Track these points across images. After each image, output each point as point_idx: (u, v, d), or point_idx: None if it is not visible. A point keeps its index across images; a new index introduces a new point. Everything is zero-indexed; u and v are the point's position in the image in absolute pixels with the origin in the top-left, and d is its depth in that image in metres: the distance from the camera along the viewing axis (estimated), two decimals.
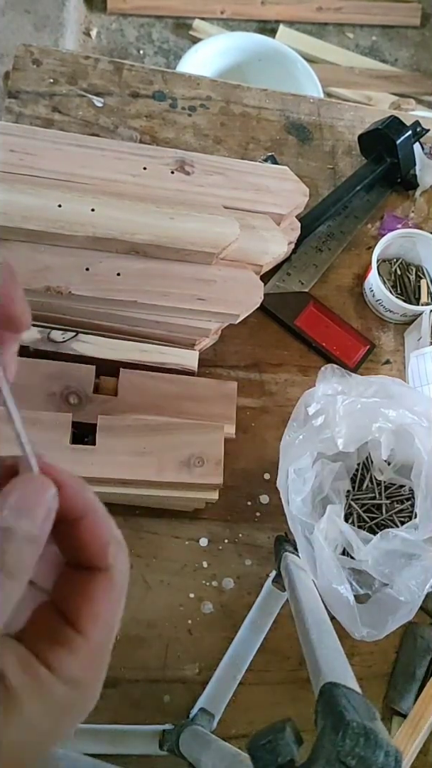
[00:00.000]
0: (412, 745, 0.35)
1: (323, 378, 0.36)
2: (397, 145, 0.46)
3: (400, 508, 0.38)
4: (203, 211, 0.37)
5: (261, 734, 0.23)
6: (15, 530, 0.13)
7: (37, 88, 0.48)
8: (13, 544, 0.12)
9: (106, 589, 0.14)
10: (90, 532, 0.14)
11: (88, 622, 0.13)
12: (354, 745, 0.21)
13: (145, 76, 0.50)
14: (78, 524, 0.14)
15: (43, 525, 0.13)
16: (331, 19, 1.13)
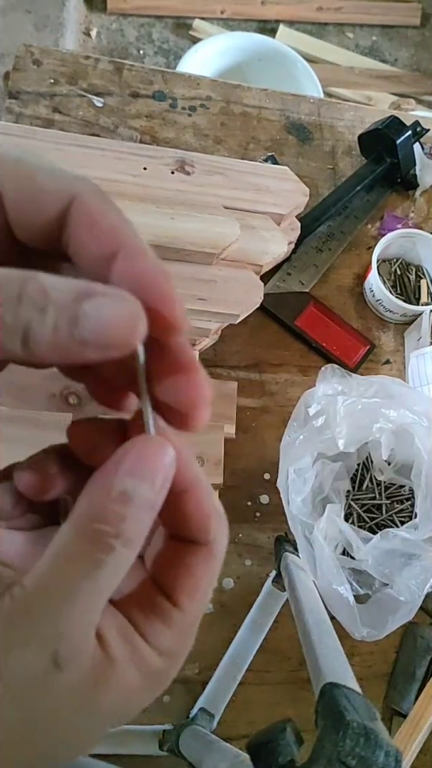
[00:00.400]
0: (413, 745, 0.35)
1: (323, 378, 0.36)
2: (397, 145, 0.46)
3: (400, 508, 0.38)
4: (203, 211, 0.37)
5: (261, 734, 0.23)
6: (133, 495, 0.12)
7: (37, 88, 0.48)
8: (131, 509, 0.12)
9: (206, 564, 0.13)
10: (195, 505, 0.13)
11: (186, 597, 0.13)
12: (354, 745, 0.21)
13: (145, 76, 0.50)
14: (183, 496, 0.13)
15: (161, 491, 0.12)
16: (331, 19, 1.13)
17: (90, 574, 0.12)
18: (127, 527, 0.12)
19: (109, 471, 0.12)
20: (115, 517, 0.12)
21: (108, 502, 0.12)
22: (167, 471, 0.12)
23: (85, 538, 0.12)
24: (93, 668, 0.12)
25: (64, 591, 0.11)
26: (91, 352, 0.11)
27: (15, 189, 0.12)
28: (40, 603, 0.11)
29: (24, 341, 0.11)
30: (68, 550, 0.12)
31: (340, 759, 0.21)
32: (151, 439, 0.13)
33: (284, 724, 0.23)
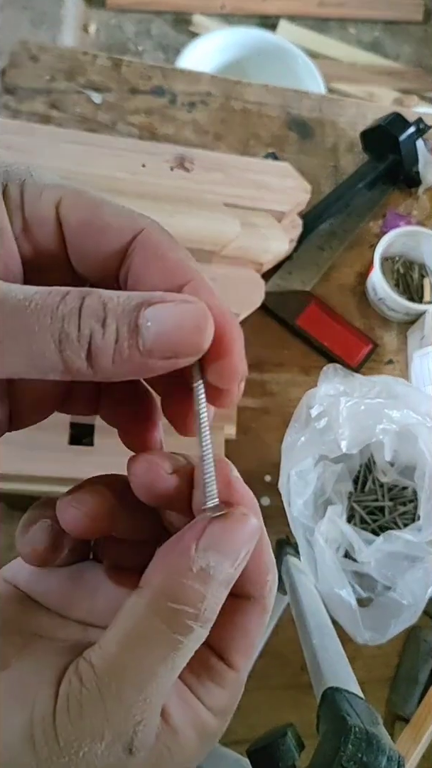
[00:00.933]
0: (415, 750, 0.34)
1: (325, 378, 0.36)
2: (400, 142, 0.46)
3: (403, 510, 0.38)
4: (203, 208, 0.36)
5: (262, 739, 0.23)
6: (214, 573, 0.11)
7: (34, 84, 0.48)
8: (211, 587, 0.11)
9: (260, 621, 0.13)
10: (255, 563, 0.13)
11: (242, 657, 0.13)
12: (356, 750, 0.21)
13: (144, 71, 0.49)
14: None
15: (241, 566, 0.12)
16: (332, 14, 1.12)
17: (167, 657, 0.11)
18: (206, 607, 0.11)
19: (188, 542, 0.11)
20: (195, 596, 0.11)
21: (188, 579, 0.11)
22: (251, 545, 0.12)
23: (162, 618, 0.11)
24: (158, 742, 0.11)
25: (141, 678, 0.11)
26: (156, 361, 0.11)
27: (78, 221, 0.12)
28: (114, 690, 0.11)
29: (88, 356, 0.11)
30: (143, 629, 0.11)
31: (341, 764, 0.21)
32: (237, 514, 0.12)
33: (285, 729, 0.23)
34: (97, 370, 0.11)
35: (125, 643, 0.11)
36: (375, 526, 0.38)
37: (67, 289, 0.11)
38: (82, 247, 0.12)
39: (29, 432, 0.36)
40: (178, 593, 0.11)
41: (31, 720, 0.10)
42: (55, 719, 0.10)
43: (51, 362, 0.11)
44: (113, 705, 0.11)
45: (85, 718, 0.10)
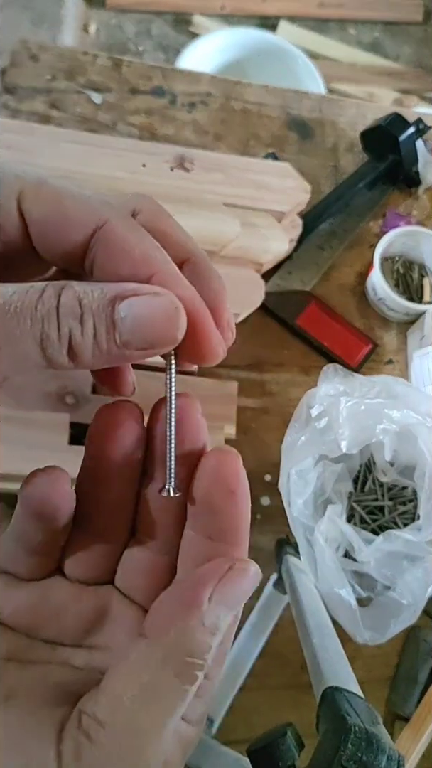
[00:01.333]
0: (415, 750, 0.34)
1: (325, 378, 0.36)
2: (400, 142, 0.46)
3: (403, 510, 0.38)
4: (203, 208, 0.36)
5: (262, 739, 0.23)
6: (220, 626, 0.11)
7: (34, 83, 0.48)
8: (216, 639, 0.12)
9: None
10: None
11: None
12: (356, 749, 0.21)
13: (145, 72, 0.50)
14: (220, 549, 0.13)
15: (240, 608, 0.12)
16: (332, 15, 1.12)
17: (177, 707, 0.11)
18: (210, 657, 0.12)
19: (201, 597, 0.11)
20: (204, 648, 0.11)
21: (200, 633, 0.11)
22: (250, 593, 0.12)
23: (175, 671, 0.11)
24: None
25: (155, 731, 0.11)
26: (133, 352, 0.11)
27: (39, 213, 0.12)
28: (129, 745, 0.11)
29: (69, 353, 0.11)
30: (158, 683, 0.11)
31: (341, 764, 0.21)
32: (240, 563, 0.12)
33: (285, 728, 0.23)
34: (78, 363, 0.11)
35: (140, 697, 0.11)
36: (375, 525, 0.38)
37: (43, 286, 0.11)
38: (45, 240, 0.12)
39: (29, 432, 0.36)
40: (192, 647, 0.11)
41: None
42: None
43: (35, 361, 0.11)
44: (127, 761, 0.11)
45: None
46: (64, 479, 0.13)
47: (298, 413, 0.35)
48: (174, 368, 0.13)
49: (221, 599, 0.12)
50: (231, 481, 0.12)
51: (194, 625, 0.11)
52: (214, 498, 0.12)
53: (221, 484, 0.12)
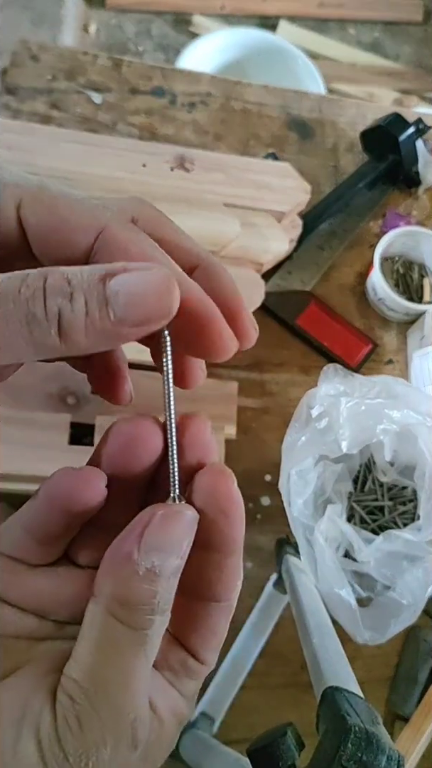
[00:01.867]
0: (415, 750, 0.34)
1: (325, 378, 0.36)
2: (400, 142, 0.46)
3: (402, 510, 0.38)
4: (203, 208, 0.36)
5: (262, 738, 0.23)
6: (161, 569, 0.12)
7: (35, 84, 0.48)
8: (161, 582, 0.12)
9: (227, 620, 0.14)
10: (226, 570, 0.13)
11: (211, 653, 0.14)
12: (356, 749, 0.21)
13: (145, 72, 0.50)
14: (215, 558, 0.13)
15: (185, 554, 0.12)
16: (332, 15, 1.12)
17: (138, 652, 0.12)
18: (159, 599, 0.12)
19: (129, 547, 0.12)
20: (147, 594, 0.12)
21: (137, 582, 0.12)
22: (191, 535, 0.12)
23: (122, 620, 0.12)
24: (151, 732, 0.12)
25: (122, 679, 0.11)
26: (129, 329, 0.11)
27: (38, 221, 0.12)
28: (102, 698, 0.11)
29: (59, 332, 0.11)
30: (109, 635, 0.12)
31: (341, 763, 0.21)
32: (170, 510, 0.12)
33: (285, 728, 0.23)
34: (70, 345, 0.11)
35: (97, 652, 0.12)
36: (375, 525, 0.38)
37: (27, 272, 0.11)
38: (46, 248, 0.12)
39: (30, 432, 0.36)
40: (130, 597, 0.12)
41: (39, 742, 0.11)
42: (60, 738, 0.11)
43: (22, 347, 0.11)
44: (107, 712, 0.11)
45: (86, 731, 0.11)
46: (100, 478, 0.13)
47: (298, 413, 0.35)
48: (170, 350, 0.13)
49: (153, 545, 0.12)
50: (223, 502, 0.13)
51: (128, 574, 0.12)
52: (207, 516, 0.13)
53: (214, 505, 0.13)
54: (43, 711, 0.11)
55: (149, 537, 0.12)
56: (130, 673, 0.12)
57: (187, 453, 0.13)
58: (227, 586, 0.13)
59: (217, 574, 0.13)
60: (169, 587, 0.12)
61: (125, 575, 0.12)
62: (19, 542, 0.13)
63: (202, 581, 0.13)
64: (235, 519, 0.13)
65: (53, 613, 0.13)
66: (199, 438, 0.13)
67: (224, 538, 0.13)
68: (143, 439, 0.13)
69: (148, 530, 0.12)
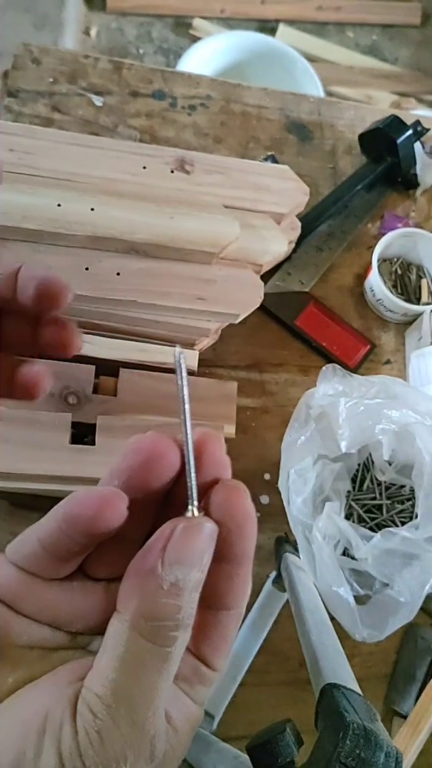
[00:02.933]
0: (413, 746, 0.35)
1: (324, 378, 0.36)
2: (398, 144, 0.46)
3: (400, 509, 0.38)
4: (203, 210, 0.37)
5: (261, 735, 0.23)
6: (184, 584, 0.12)
7: (36, 87, 0.48)
8: (184, 597, 0.12)
9: (237, 626, 0.14)
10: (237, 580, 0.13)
11: (222, 660, 0.14)
12: (354, 746, 0.21)
13: (145, 75, 0.50)
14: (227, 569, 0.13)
15: (206, 567, 0.12)
16: (331, 18, 1.13)
17: (162, 669, 0.12)
18: (183, 614, 0.12)
19: (153, 562, 0.12)
20: (171, 609, 0.12)
21: (161, 597, 0.12)
22: (211, 548, 0.12)
23: (146, 637, 0.12)
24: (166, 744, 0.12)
25: (145, 695, 0.12)
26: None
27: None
28: (126, 713, 0.11)
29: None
30: (134, 651, 0.12)
31: (340, 760, 0.21)
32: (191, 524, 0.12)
33: (284, 725, 0.23)
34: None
35: (120, 667, 0.12)
36: (373, 524, 0.38)
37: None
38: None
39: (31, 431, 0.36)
40: (155, 612, 0.12)
41: (60, 756, 0.11)
42: (81, 753, 0.11)
43: None
44: (128, 728, 0.11)
45: (107, 746, 0.11)
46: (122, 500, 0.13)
47: (298, 413, 0.35)
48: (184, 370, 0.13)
49: (176, 559, 0.12)
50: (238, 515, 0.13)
51: (153, 589, 0.12)
52: (223, 529, 0.13)
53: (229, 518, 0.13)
54: (64, 724, 0.11)
55: (172, 550, 0.12)
56: (152, 689, 0.12)
57: (204, 469, 0.13)
58: (238, 596, 0.13)
59: (229, 585, 0.13)
60: (191, 602, 0.12)
61: (150, 590, 0.12)
62: (35, 557, 0.13)
63: (214, 592, 0.13)
64: (249, 532, 0.13)
65: (68, 625, 0.13)
66: (214, 455, 0.13)
67: (238, 550, 0.13)
68: (162, 456, 0.13)
69: (171, 544, 0.12)
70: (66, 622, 0.13)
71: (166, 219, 0.36)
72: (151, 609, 0.12)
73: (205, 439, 0.13)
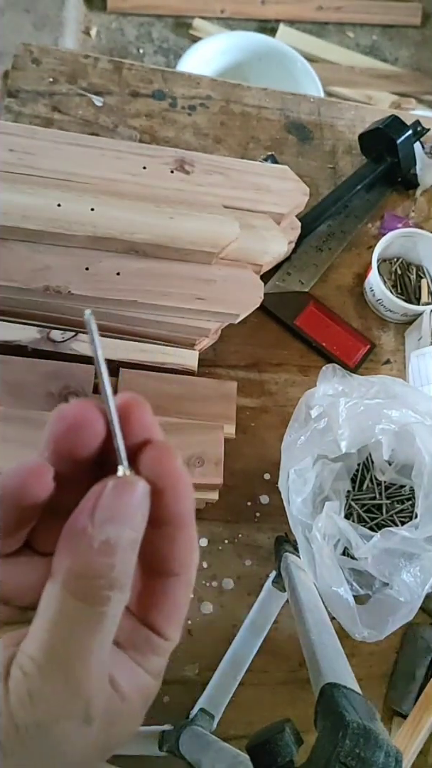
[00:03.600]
0: (413, 746, 0.35)
1: (324, 378, 0.36)
2: (398, 144, 0.46)
3: (400, 508, 0.38)
4: (203, 210, 0.37)
5: (260, 735, 0.23)
6: (117, 541, 0.12)
7: (36, 87, 0.48)
8: (118, 556, 0.12)
9: (187, 594, 0.14)
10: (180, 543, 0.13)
11: (174, 628, 0.14)
12: (354, 745, 0.21)
13: (145, 75, 0.50)
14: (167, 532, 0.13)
15: (142, 526, 0.12)
16: (331, 19, 1.13)
17: (95, 630, 0.12)
18: (117, 574, 0.12)
19: (83, 521, 0.12)
20: (103, 568, 0.12)
21: (92, 555, 0.12)
22: (144, 507, 0.12)
23: (78, 597, 0.12)
24: (111, 708, 0.12)
25: (78, 655, 0.11)
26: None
27: None
28: (58, 674, 0.11)
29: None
30: (66, 612, 0.12)
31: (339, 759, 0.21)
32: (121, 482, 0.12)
33: (283, 724, 0.23)
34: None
35: (53, 629, 0.12)
36: (372, 524, 0.38)
37: None
38: None
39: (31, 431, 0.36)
40: (87, 570, 0.12)
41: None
42: (11, 712, 0.11)
43: None
44: (59, 686, 0.11)
45: (37, 705, 0.11)
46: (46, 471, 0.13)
47: (298, 413, 0.36)
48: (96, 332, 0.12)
49: (106, 517, 0.12)
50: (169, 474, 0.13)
51: (83, 548, 0.12)
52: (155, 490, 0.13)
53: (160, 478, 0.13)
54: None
55: (102, 508, 0.12)
56: (86, 650, 0.11)
57: (132, 432, 0.13)
58: (183, 560, 0.13)
59: (171, 548, 0.13)
60: (126, 560, 0.12)
61: (81, 549, 0.12)
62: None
63: (157, 556, 0.13)
64: (183, 491, 0.13)
65: (16, 600, 0.13)
66: (141, 419, 0.13)
67: (174, 510, 0.13)
68: (85, 422, 0.13)
69: (100, 502, 0.12)
70: (14, 596, 0.13)
71: (166, 219, 0.36)
72: (82, 568, 0.12)
73: (130, 402, 0.13)
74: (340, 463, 0.37)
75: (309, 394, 0.35)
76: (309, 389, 0.36)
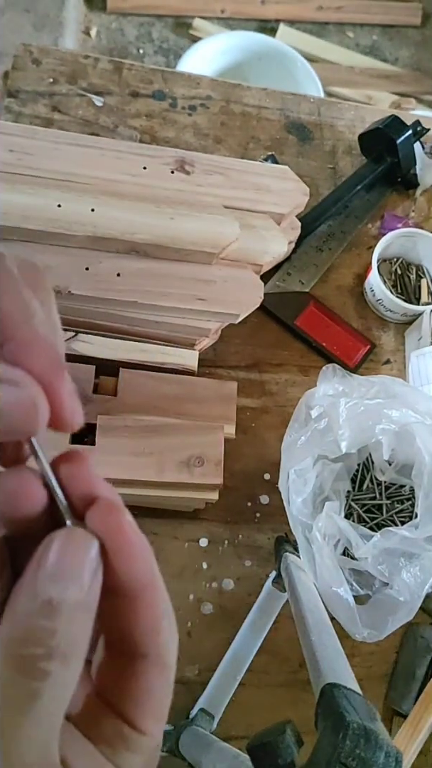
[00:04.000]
0: (413, 746, 0.35)
1: (324, 378, 0.36)
2: (398, 144, 0.46)
3: (400, 508, 0.38)
4: (203, 210, 0.37)
5: (261, 735, 0.23)
6: (61, 602, 0.10)
7: (36, 87, 0.48)
8: (61, 619, 0.10)
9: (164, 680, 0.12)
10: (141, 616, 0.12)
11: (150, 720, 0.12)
12: (354, 746, 0.21)
13: (145, 75, 0.50)
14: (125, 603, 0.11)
15: (92, 586, 0.11)
16: (331, 19, 1.13)
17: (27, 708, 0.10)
18: (59, 642, 0.10)
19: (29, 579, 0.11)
20: (43, 633, 0.10)
21: (33, 617, 0.10)
22: (94, 562, 0.11)
23: (14, 667, 0.10)
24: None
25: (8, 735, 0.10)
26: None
27: None
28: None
29: None
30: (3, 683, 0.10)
31: (340, 760, 0.21)
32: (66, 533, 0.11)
33: (284, 725, 0.23)
34: None
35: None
36: (372, 524, 0.38)
37: None
38: None
39: None
40: (26, 636, 0.10)
41: None
42: None
43: None
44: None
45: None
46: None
47: (298, 413, 0.36)
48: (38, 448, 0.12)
49: (50, 574, 0.10)
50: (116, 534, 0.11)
51: (23, 607, 0.10)
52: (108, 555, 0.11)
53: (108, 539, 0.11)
54: None
55: (45, 565, 0.11)
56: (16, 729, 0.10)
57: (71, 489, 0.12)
58: (148, 637, 0.12)
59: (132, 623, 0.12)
60: (71, 627, 0.10)
61: (20, 609, 0.10)
62: None
63: (120, 635, 0.12)
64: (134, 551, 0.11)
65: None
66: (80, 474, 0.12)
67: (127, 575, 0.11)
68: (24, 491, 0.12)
69: (43, 558, 0.11)
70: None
71: (167, 219, 0.36)
72: (20, 632, 0.10)
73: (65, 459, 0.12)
74: (340, 464, 0.37)
75: (309, 395, 0.35)
76: (309, 389, 0.36)
